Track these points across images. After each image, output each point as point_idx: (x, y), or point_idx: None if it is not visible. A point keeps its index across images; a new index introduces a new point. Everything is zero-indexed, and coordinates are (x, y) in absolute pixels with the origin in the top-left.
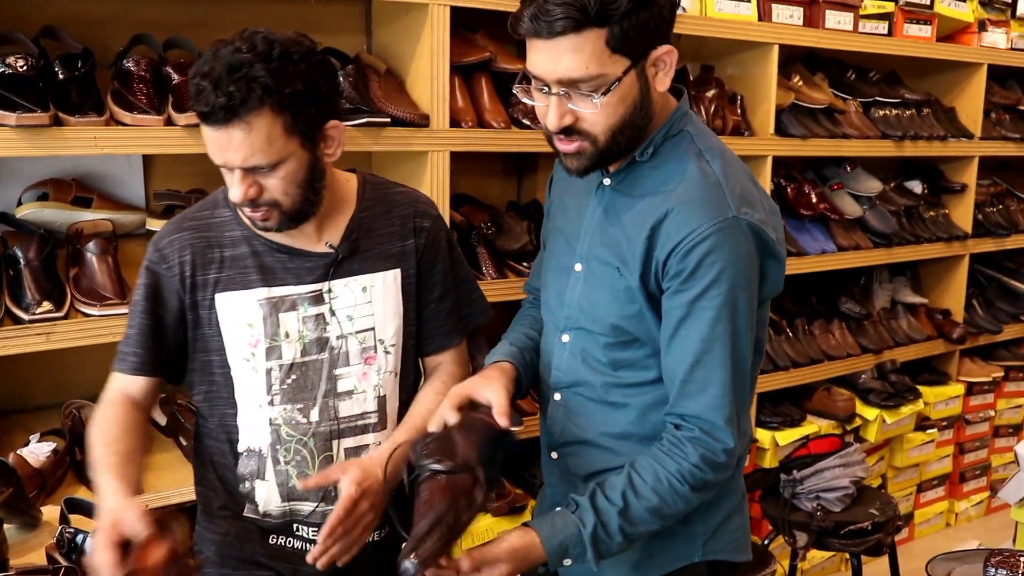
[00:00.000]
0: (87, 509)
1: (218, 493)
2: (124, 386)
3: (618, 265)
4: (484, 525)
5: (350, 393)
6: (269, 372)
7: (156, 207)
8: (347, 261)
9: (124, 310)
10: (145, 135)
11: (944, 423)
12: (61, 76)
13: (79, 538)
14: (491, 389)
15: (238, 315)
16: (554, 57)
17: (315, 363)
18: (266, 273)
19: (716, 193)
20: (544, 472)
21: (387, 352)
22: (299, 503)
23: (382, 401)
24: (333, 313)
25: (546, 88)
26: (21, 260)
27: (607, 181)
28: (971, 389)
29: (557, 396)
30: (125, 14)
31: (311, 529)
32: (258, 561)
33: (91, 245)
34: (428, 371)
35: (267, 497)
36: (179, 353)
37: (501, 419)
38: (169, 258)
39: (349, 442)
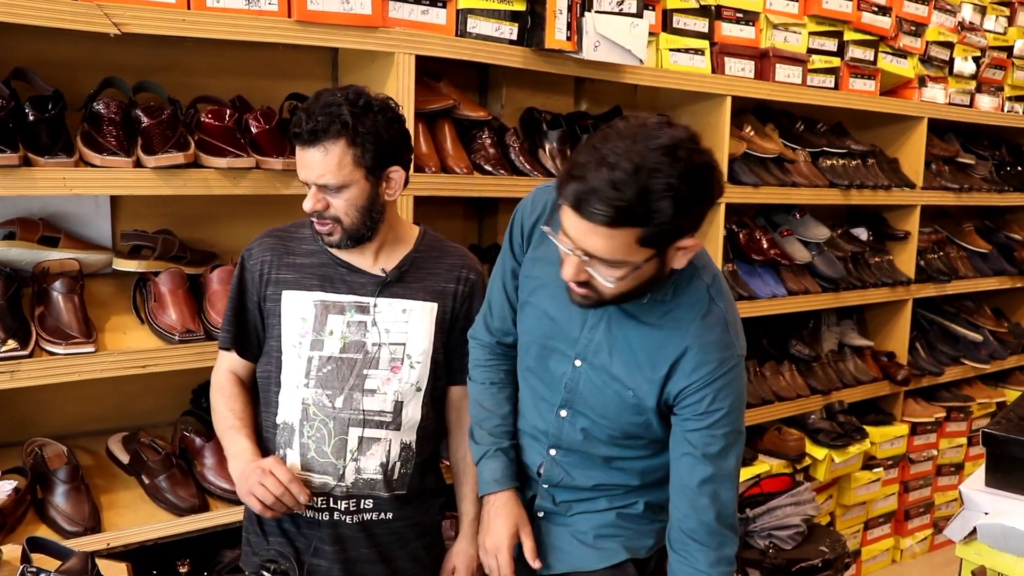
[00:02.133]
0: (49, 548)
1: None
2: (227, 362)
3: (632, 388)
4: None
5: (373, 392)
6: (309, 360)
7: (123, 247)
8: (394, 285)
9: (89, 349)
10: (114, 176)
11: (889, 462)
12: (31, 117)
13: None
14: (526, 534)
15: (296, 310)
16: (582, 232)
17: (350, 360)
18: (325, 281)
19: (725, 334)
20: (530, 493)
21: (412, 367)
22: (310, 474)
23: (399, 406)
24: (375, 323)
25: (567, 249)
26: None
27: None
28: (915, 429)
29: (553, 452)
30: (95, 57)
31: (318, 499)
32: (283, 528)
33: (57, 284)
34: (452, 401)
35: (291, 465)
36: (258, 335)
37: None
38: (255, 256)
39: (367, 432)
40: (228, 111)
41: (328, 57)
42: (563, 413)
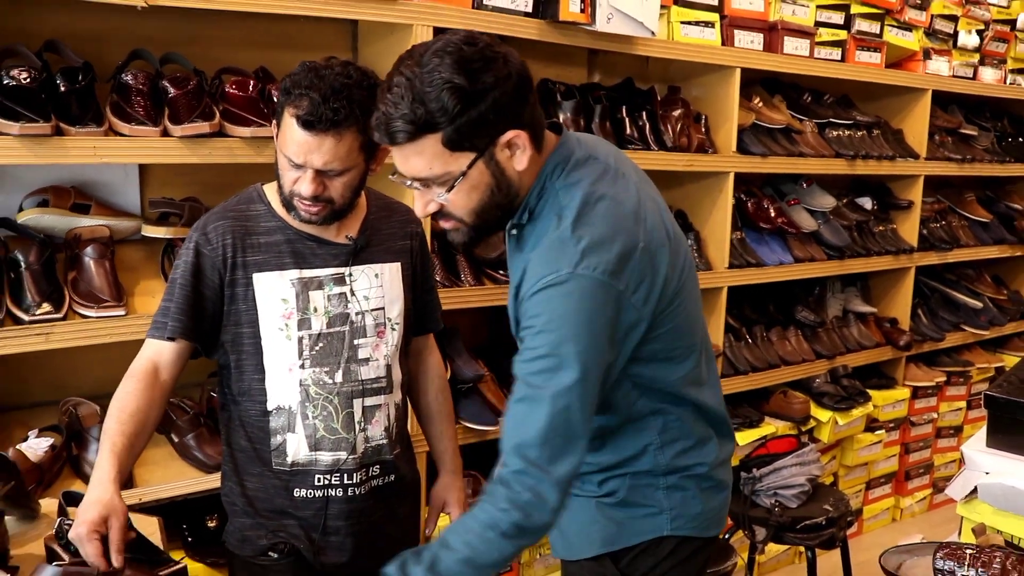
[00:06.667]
0: None
1: (247, 453)
2: (156, 353)
3: (515, 319)
4: None
5: (367, 360)
6: (300, 340)
7: (151, 214)
8: (363, 251)
9: (120, 312)
10: (142, 145)
11: (891, 425)
12: (62, 88)
13: None
14: None
15: (274, 292)
16: (403, 160)
17: (338, 334)
18: (298, 257)
19: (556, 250)
20: None
21: (393, 328)
22: (321, 453)
23: (389, 369)
24: (353, 293)
25: (408, 182)
26: (22, 263)
27: (514, 231)
28: (916, 393)
29: None
30: (123, 30)
31: (331, 476)
32: (286, 511)
33: (89, 250)
34: (414, 351)
35: (296, 448)
36: (212, 326)
37: None
38: (213, 240)
39: (368, 401)
40: (252, 82)
41: (348, 29)
42: None
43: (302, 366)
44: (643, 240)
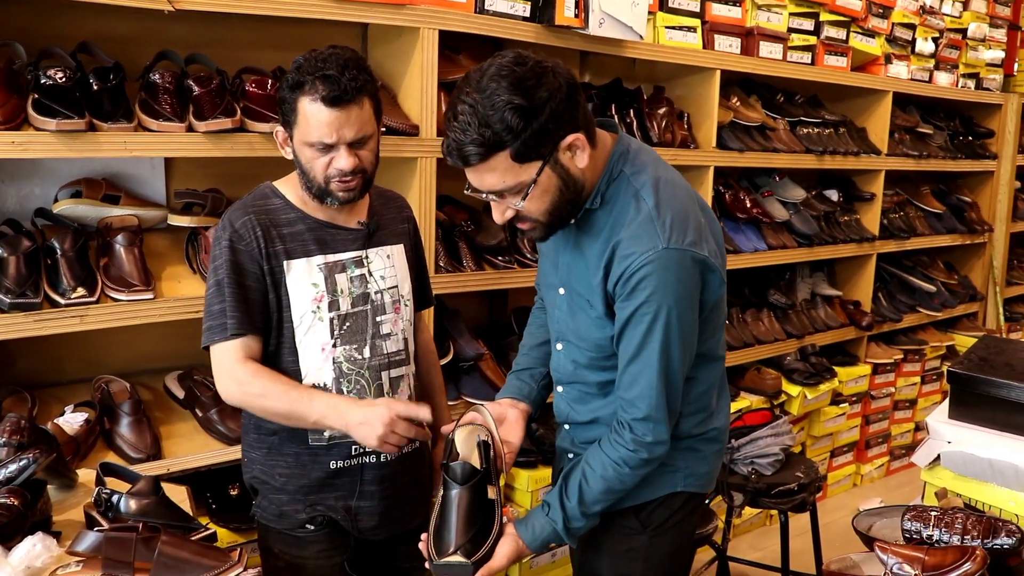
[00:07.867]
0: (119, 472)
1: (281, 435)
2: (237, 349)
3: (588, 299)
4: None
5: (388, 335)
6: (331, 321)
7: (176, 204)
8: (375, 235)
9: (149, 296)
10: (168, 140)
11: (854, 398)
12: (95, 87)
13: (114, 498)
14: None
15: (305, 277)
16: (478, 178)
17: (362, 313)
18: (321, 244)
19: (648, 229)
20: (558, 437)
21: (406, 305)
22: None
23: (406, 342)
24: (371, 274)
25: (484, 194)
26: (58, 250)
27: (572, 220)
28: (876, 369)
29: (560, 388)
30: (152, 32)
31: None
32: (323, 483)
33: (119, 238)
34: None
35: None
36: (265, 313)
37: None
38: (245, 236)
39: (393, 372)
40: (270, 81)
41: (358, 32)
42: (559, 346)
43: (334, 345)
44: (701, 212)
